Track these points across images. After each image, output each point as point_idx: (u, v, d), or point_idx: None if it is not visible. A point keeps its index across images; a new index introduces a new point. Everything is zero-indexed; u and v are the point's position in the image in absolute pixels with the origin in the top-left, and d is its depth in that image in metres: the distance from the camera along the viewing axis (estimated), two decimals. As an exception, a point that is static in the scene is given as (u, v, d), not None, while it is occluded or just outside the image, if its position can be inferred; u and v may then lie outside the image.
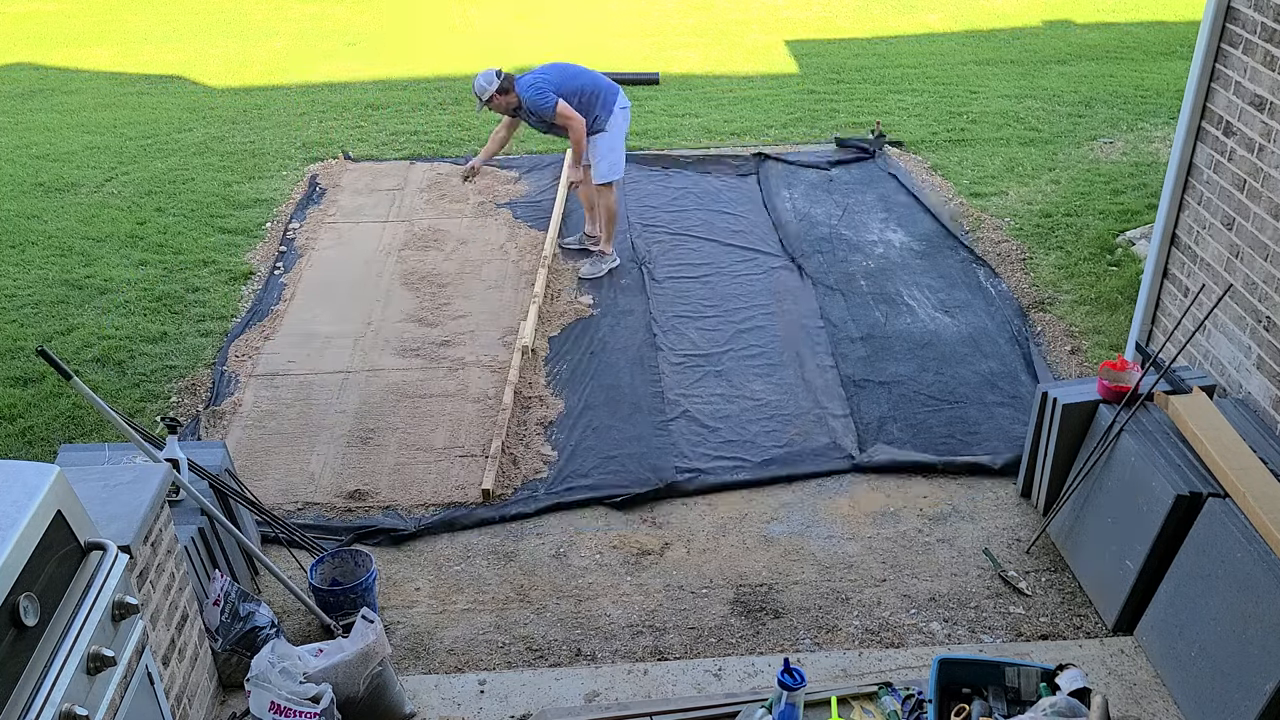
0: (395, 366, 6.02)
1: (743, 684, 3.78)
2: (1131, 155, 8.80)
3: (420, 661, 4.02)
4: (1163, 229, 4.89)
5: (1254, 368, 4.28)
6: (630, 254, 7.27)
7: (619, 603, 4.30)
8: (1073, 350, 6.02)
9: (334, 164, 8.99)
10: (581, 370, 5.95)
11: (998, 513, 4.77)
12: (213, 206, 8.15)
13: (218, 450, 4.27)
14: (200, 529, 3.82)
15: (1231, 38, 4.38)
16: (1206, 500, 3.74)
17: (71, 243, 7.49)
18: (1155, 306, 5.07)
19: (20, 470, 2.59)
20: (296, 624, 4.19)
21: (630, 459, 5.19)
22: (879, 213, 7.84)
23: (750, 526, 4.73)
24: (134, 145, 9.49)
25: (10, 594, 2.32)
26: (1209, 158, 4.57)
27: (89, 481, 3.18)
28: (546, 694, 3.78)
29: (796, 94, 10.62)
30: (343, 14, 14.49)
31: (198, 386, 5.85)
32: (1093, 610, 4.17)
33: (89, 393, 3.53)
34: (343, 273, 7.12)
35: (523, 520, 4.79)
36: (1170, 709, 3.66)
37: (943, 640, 4.07)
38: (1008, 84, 10.86)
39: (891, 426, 5.39)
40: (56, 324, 6.43)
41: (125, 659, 2.74)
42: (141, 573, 3.07)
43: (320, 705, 3.26)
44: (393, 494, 4.98)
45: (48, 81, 11.60)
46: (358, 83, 11.32)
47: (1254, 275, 4.26)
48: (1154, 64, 11.48)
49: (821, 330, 6.28)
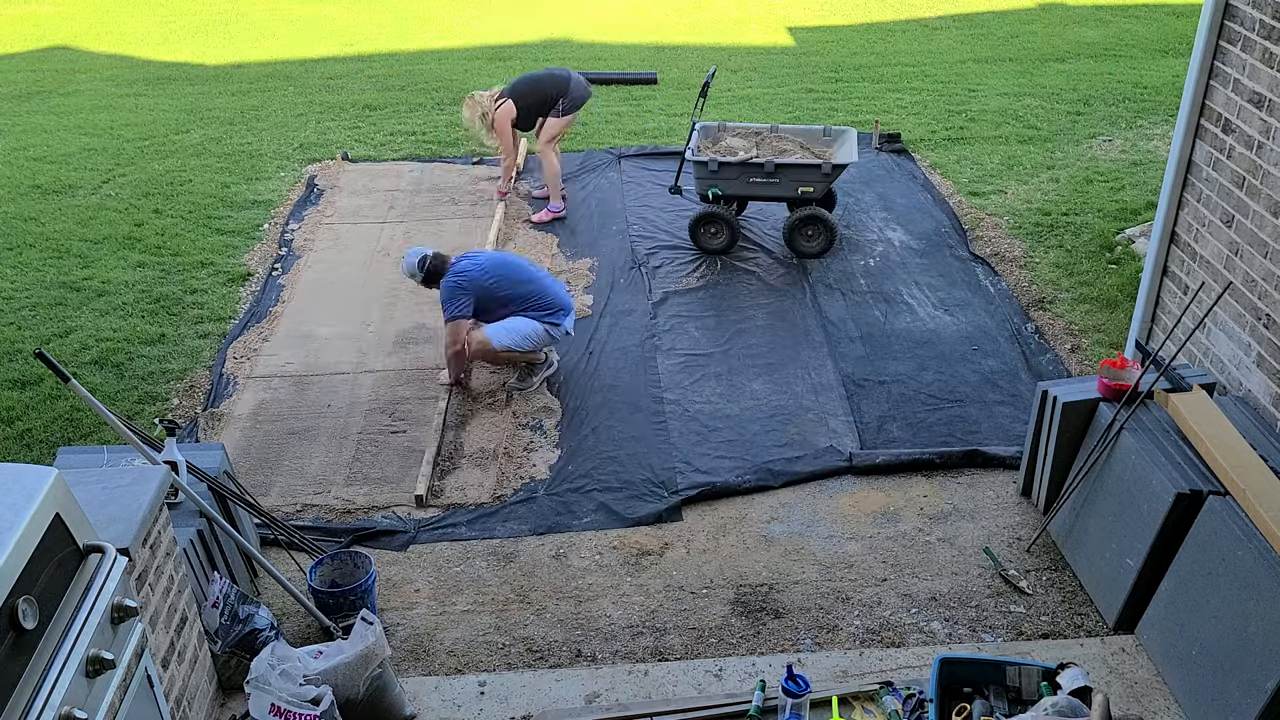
0: (394, 367, 6.01)
1: (743, 684, 3.77)
2: (1130, 153, 8.80)
3: (420, 663, 4.02)
4: (1162, 227, 4.89)
5: (1254, 365, 4.28)
6: (630, 254, 7.27)
7: (619, 603, 4.29)
8: (1073, 348, 6.02)
9: (332, 165, 8.98)
10: (581, 370, 5.95)
11: (998, 512, 4.76)
12: (210, 208, 8.14)
13: (216, 452, 4.26)
14: (199, 531, 3.82)
15: (1230, 35, 4.37)
16: (1207, 498, 3.73)
17: (69, 245, 7.48)
18: (1155, 304, 5.06)
19: (19, 473, 2.58)
20: (296, 626, 4.18)
21: (630, 459, 5.18)
22: (879, 211, 7.84)
23: (750, 526, 4.73)
24: (131, 147, 9.48)
25: (9, 597, 2.32)
26: (1208, 155, 4.57)
27: (87, 484, 3.17)
28: (547, 695, 3.77)
29: (795, 93, 10.62)
30: (340, 14, 14.49)
31: (196, 388, 5.84)
32: (1093, 609, 4.16)
33: (87, 395, 3.52)
34: (341, 274, 7.11)
35: (520, 524, 4.78)
36: (1171, 707, 3.65)
37: (943, 639, 4.06)
38: (1006, 82, 10.86)
39: (891, 426, 5.39)
40: (54, 326, 6.42)
41: (124, 662, 2.73)
42: (140, 575, 3.06)
43: (320, 707, 3.25)
44: (393, 495, 4.97)
45: (44, 83, 11.59)
46: (355, 84, 11.32)
47: (1253, 272, 4.25)
48: (1153, 61, 11.48)
49: (820, 329, 6.27)
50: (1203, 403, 4.13)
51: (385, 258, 7.31)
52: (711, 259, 7.18)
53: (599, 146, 9.27)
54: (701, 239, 7.21)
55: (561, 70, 7.78)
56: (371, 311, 6.61)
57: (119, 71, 12.00)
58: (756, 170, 6.91)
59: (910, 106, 10.13)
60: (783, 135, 7.48)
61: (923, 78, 11.09)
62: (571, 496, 4.94)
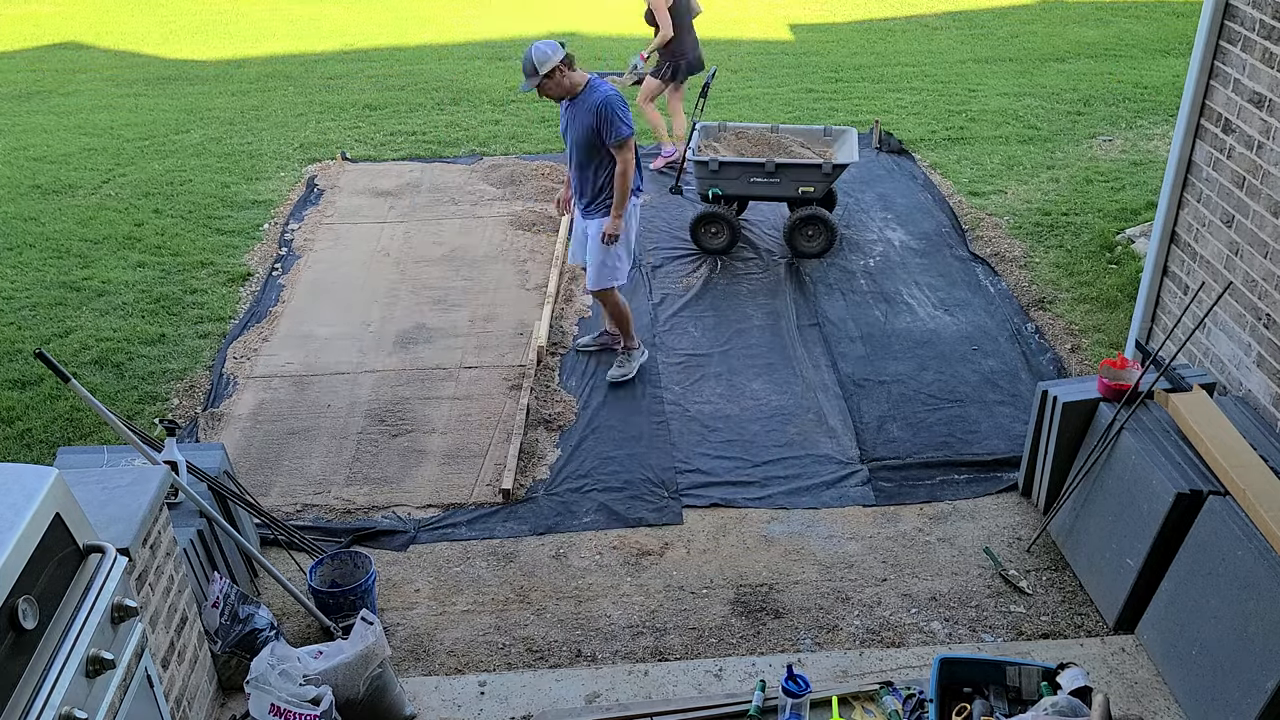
0: (394, 367, 6.01)
1: (743, 684, 3.77)
2: (1130, 153, 8.80)
3: (420, 663, 4.02)
4: (1162, 227, 4.89)
5: (1254, 365, 4.28)
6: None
7: (619, 603, 4.29)
8: (1073, 348, 6.02)
9: (332, 165, 8.98)
10: (582, 370, 5.95)
11: (998, 512, 4.76)
12: (210, 208, 8.15)
13: (216, 452, 4.26)
14: (199, 531, 3.82)
15: (1230, 35, 4.37)
16: (1207, 498, 3.73)
17: (69, 245, 7.48)
18: (1155, 304, 5.06)
19: (19, 473, 2.58)
20: (296, 626, 4.18)
21: (630, 459, 5.18)
22: (878, 211, 7.84)
23: (750, 526, 4.72)
24: (131, 147, 9.48)
25: (9, 597, 2.32)
26: (1208, 155, 4.57)
27: (87, 484, 3.17)
28: (547, 695, 3.77)
29: (795, 93, 10.62)
30: (339, 14, 14.49)
31: (196, 388, 5.84)
32: (1093, 609, 4.16)
33: (87, 395, 3.52)
34: (341, 274, 7.11)
35: (520, 524, 4.78)
36: (1171, 707, 3.65)
37: (944, 639, 4.06)
38: (1006, 82, 10.86)
39: (891, 426, 5.39)
40: (54, 326, 6.42)
41: (124, 662, 2.73)
42: (140, 575, 3.06)
43: (320, 707, 3.25)
44: (392, 495, 4.97)
45: (44, 83, 11.59)
46: (355, 84, 11.32)
47: (1254, 273, 4.25)
48: (1153, 61, 11.48)
49: (820, 329, 6.27)
50: (1203, 403, 4.13)
51: (385, 258, 7.31)
52: (712, 259, 7.18)
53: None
54: (702, 239, 7.21)
55: None
56: (371, 311, 6.61)
57: (119, 71, 12.00)
58: (757, 170, 6.91)
59: (910, 106, 10.13)
60: (784, 135, 7.49)
61: (923, 78, 11.09)
62: (571, 496, 4.94)
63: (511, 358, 6.05)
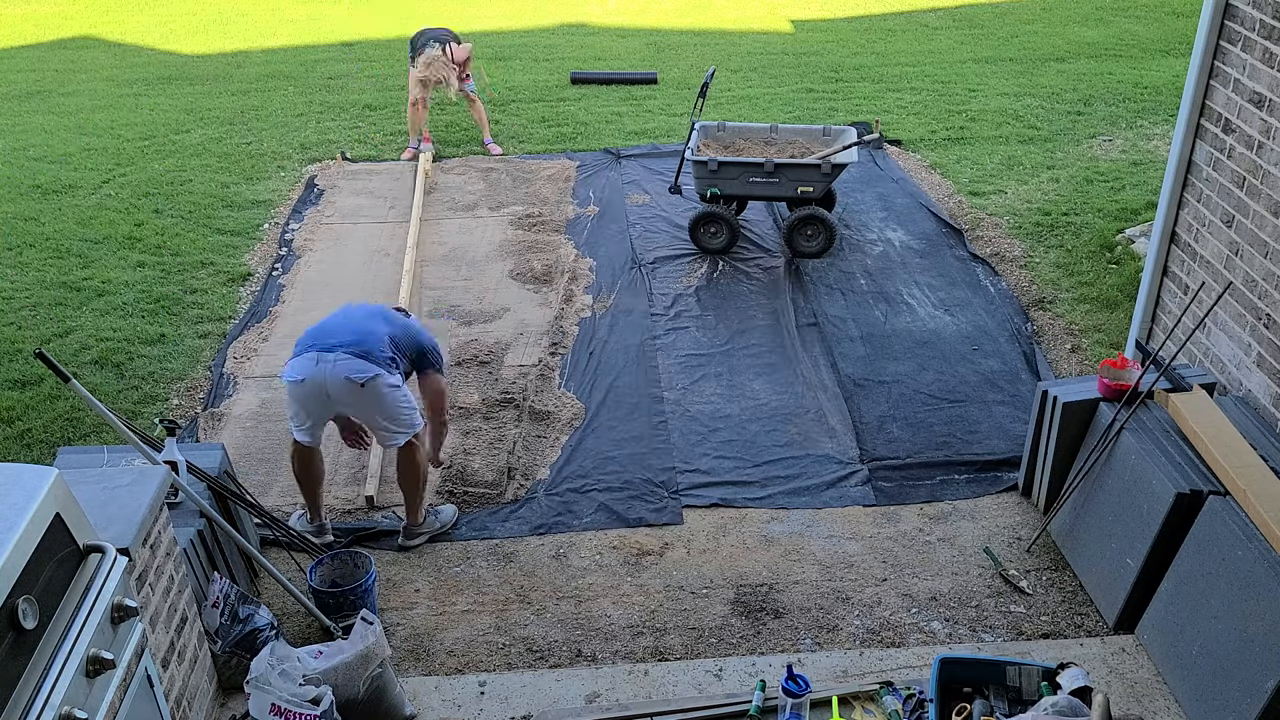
0: (394, 367, 6.00)
1: (743, 684, 3.77)
2: (1130, 153, 8.80)
3: (420, 663, 4.01)
4: (1162, 226, 4.89)
5: (1254, 365, 4.28)
6: (630, 254, 7.27)
7: (619, 603, 4.29)
8: (1073, 348, 6.01)
9: (332, 165, 8.98)
10: (582, 370, 5.94)
11: (998, 512, 4.76)
12: (210, 208, 8.14)
13: (216, 452, 4.26)
14: (199, 531, 3.81)
15: (1230, 35, 4.37)
16: (1207, 498, 3.73)
17: (69, 245, 7.48)
18: (1155, 304, 5.06)
19: (19, 473, 2.58)
20: (296, 626, 4.18)
21: (630, 459, 5.18)
22: (878, 211, 7.83)
23: (750, 526, 4.72)
24: (131, 147, 9.48)
25: (9, 597, 2.31)
26: (1208, 155, 4.57)
27: (88, 484, 3.17)
28: (547, 695, 3.77)
29: (795, 92, 10.62)
30: (339, 14, 14.49)
31: (196, 388, 5.84)
32: (1094, 609, 4.16)
33: (87, 395, 3.52)
34: (341, 274, 7.11)
35: (520, 524, 4.78)
36: (1171, 707, 3.65)
37: (944, 639, 4.06)
38: (1006, 82, 10.86)
39: (891, 425, 5.39)
40: (54, 326, 6.41)
41: (124, 662, 2.73)
42: (140, 575, 3.06)
43: (320, 707, 3.25)
44: (393, 495, 4.97)
45: (44, 83, 11.59)
46: (355, 84, 11.31)
47: (1254, 273, 4.25)
48: (1152, 61, 11.48)
49: (820, 329, 6.27)
50: (1203, 403, 4.13)
51: (385, 258, 7.30)
52: (711, 259, 7.18)
53: (599, 146, 9.27)
54: (701, 239, 7.21)
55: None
56: (371, 311, 6.60)
57: (119, 71, 12.00)
58: (756, 169, 6.91)
59: (910, 106, 10.13)
60: (784, 135, 7.48)
61: (923, 78, 11.09)
62: (571, 496, 4.94)
63: (512, 357, 6.05)
